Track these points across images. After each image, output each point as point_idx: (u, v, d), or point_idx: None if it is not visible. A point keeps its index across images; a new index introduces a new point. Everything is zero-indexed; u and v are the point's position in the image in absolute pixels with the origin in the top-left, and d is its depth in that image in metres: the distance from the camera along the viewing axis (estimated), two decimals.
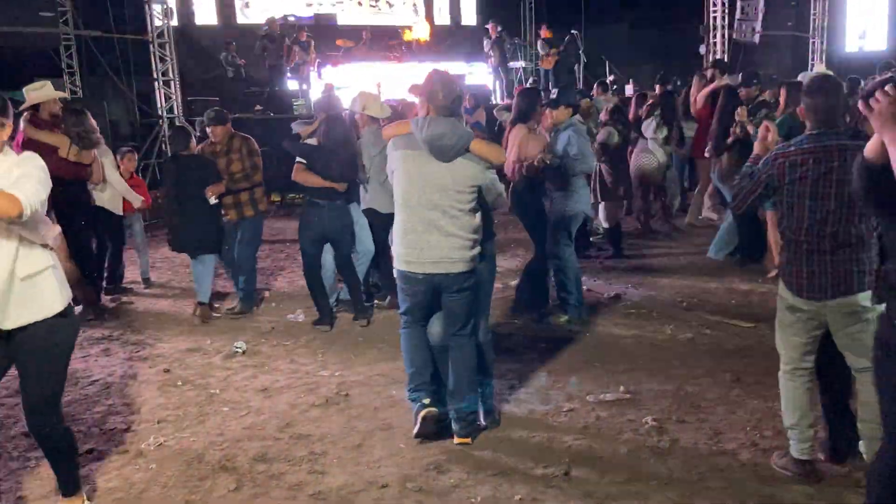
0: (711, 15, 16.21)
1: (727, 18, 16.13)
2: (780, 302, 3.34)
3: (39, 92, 5.82)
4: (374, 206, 5.89)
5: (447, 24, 18.13)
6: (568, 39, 16.25)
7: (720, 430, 3.90)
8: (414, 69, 13.72)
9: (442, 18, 18.15)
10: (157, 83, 12.38)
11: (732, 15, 16.28)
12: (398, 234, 3.74)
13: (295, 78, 14.29)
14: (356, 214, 5.92)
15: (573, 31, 16.29)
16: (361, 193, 5.96)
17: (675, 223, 8.86)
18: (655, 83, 10.52)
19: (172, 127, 7.12)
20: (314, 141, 5.60)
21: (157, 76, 12.33)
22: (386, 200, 5.24)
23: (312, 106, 11.52)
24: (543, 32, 16.87)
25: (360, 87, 11.59)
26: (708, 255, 7.45)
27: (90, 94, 13.00)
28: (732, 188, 3.41)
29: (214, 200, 5.91)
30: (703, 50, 16.09)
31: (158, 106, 12.49)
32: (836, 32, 18.10)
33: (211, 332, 5.85)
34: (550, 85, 15.46)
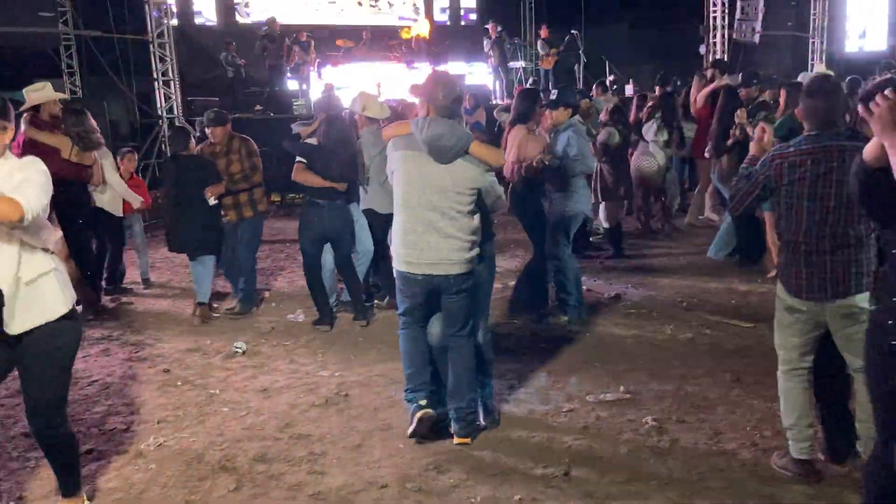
0: (711, 15, 16.20)
1: (727, 18, 16.12)
2: (778, 303, 3.34)
3: (39, 93, 5.81)
4: (373, 206, 5.89)
5: (447, 23, 18.14)
6: (568, 39, 16.25)
7: (720, 430, 3.90)
8: (414, 69, 13.75)
9: (445, 17, 18.16)
10: (156, 83, 12.38)
11: (732, 15, 16.28)
12: (397, 234, 3.74)
13: (295, 78, 14.29)
14: (356, 214, 5.93)
15: (573, 31, 16.29)
16: (361, 194, 5.96)
17: (674, 223, 8.86)
18: (655, 84, 10.52)
19: (172, 127, 7.11)
20: (314, 141, 5.60)
21: (156, 76, 12.33)
22: (385, 201, 5.24)
23: (312, 106, 11.54)
24: (543, 32, 16.87)
25: (360, 87, 11.62)
26: (708, 255, 7.47)
27: (90, 94, 13.00)
28: (730, 189, 3.41)
29: (214, 201, 5.92)
30: (703, 50, 16.08)
31: (158, 106, 12.49)
32: (836, 32, 18.09)
33: (211, 332, 5.85)
34: (550, 85, 15.45)
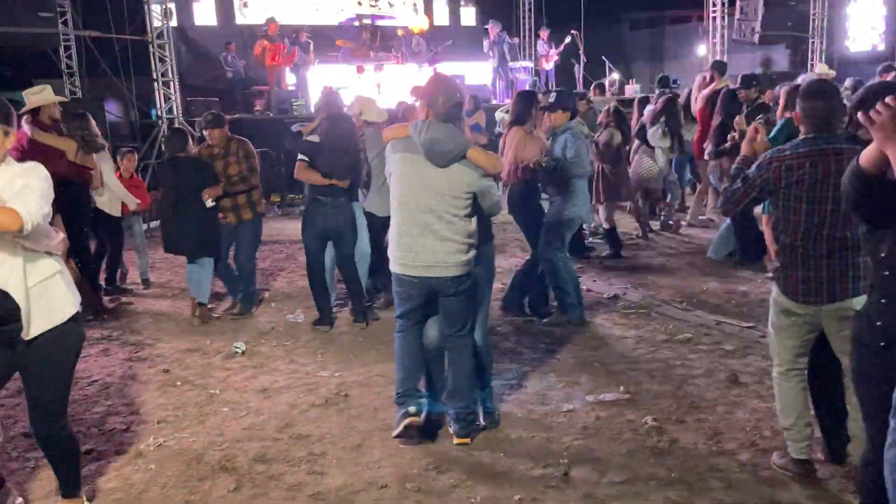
0: (711, 15, 16.21)
1: (727, 18, 16.12)
2: (774, 305, 3.32)
3: (39, 96, 5.81)
4: (371, 209, 5.90)
5: (447, 23, 18.12)
6: (568, 40, 16.25)
7: (719, 430, 3.90)
8: (414, 69, 13.75)
9: (442, 18, 18.14)
10: (156, 84, 12.37)
11: (732, 15, 16.28)
12: (394, 236, 3.74)
13: (295, 75, 14.26)
14: (357, 214, 5.92)
15: (573, 31, 16.28)
16: (360, 196, 5.96)
17: (673, 224, 8.86)
18: (655, 85, 10.54)
19: (170, 129, 7.11)
20: (315, 138, 5.60)
21: (156, 77, 12.32)
22: (383, 204, 5.24)
23: (312, 106, 11.54)
24: (543, 33, 16.87)
25: (359, 87, 11.64)
26: (707, 255, 7.47)
27: (90, 94, 13.00)
28: (724, 191, 3.38)
29: (211, 203, 5.91)
30: (702, 50, 16.09)
31: (158, 106, 12.48)
32: (835, 32, 18.08)
33: (210, 332, 5.86)
34: (551, 86, 15.46)
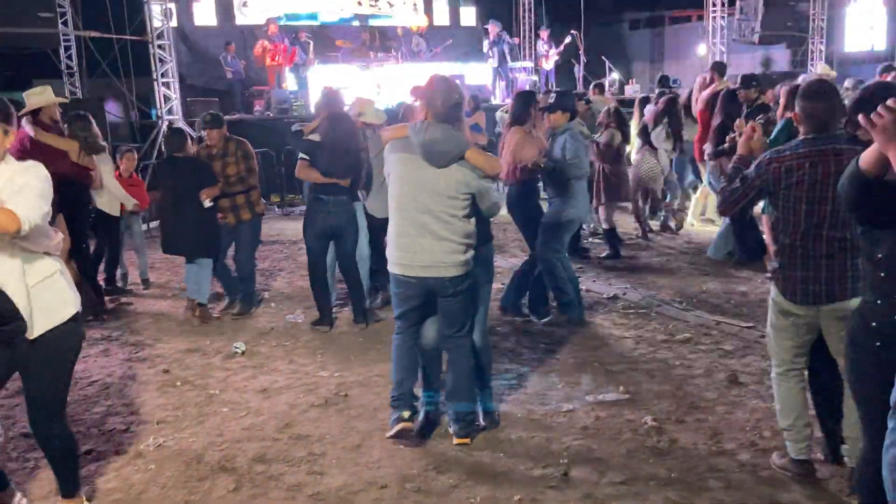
0: (711, 15, 16.22)
1: (727, 18, 16.14)
2: (772, 306, 3.32)
3: (40, 97, 5.81)
4: (371, 210, 5.90)
5: (447, 24, 18.13)
6: (568, 40, 16.26)
7: (719, 430, 3.90)
8: (414, 69, 13.76)
9: (442, 18, 18.14)
10: (156, 84, 12.37)
11: (732, 15, 16.29)
12: (392, 237, 3.73)
13: (294, 76, 14.27)
14: (358, 214, 5.91)
15: (573, 31, 16.28)
16: (360, 196, 5.96)
17: (672, 225, 8.86)
18: (655, 84, 10.54)
19: (169, 129, 7.13)
20: (316, 137, 5.61)
21: (156, 77, 12.33)
22: (383, 205, 5.24)
23: (312, 106, 11.53)
24: (543, 33, 16.87)
25: (359, 87, 11.64)
26: (707, 255, 7.47)
27: (89, 95, 13.00)
28: (721, 191, 3.36)
29: (209, 203, 5.89)
30: (702, 50, 16.10)
31: (158, 107, 12.48)
32: (835, 32, 18.09)
33: (210, 332, 5.85)
34: (551, 86, 15.46)
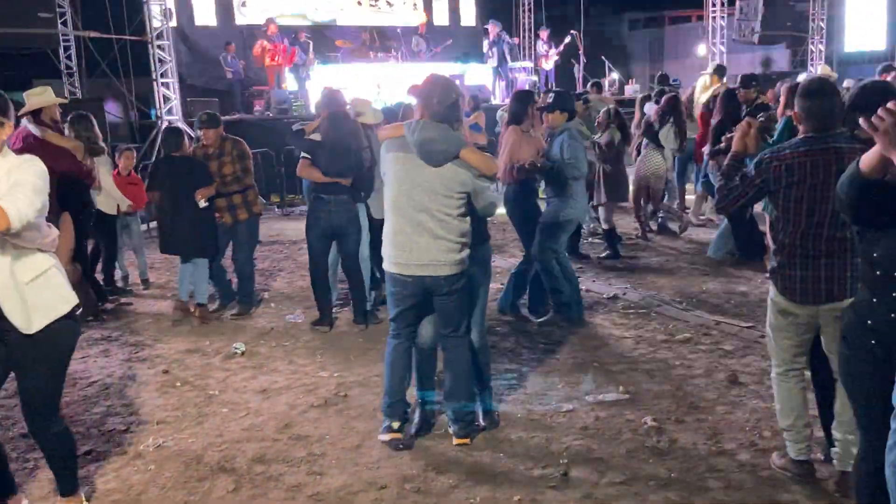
0: (711, 15, 16.22)
1: (726, 18, 16.14)
2: (771, 305, 3.31)
3: (40, 97, 5.80)
4: (372, 210, 5.89)
5: (446, 24, 18.14)
6: (567, 40, 16.26)
7: (719, 430, 3.90)
8: (414, 69, 13.75)
9: (442, 18, 18.15)
10: (156, 84, 12.38)
11: (732, 15, 16.30)
12: (388, 235, 3.73)
13: (294, 76, 14.27)
14: (361, 215, 5.90)
15: (572, 31, 16.29)
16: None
17: (676, 228, 8.85)
18: (654, 83, 10.54)
19: (166, 128, 7.14)
20: (317, 136, 5.61)
21: (156, 77, 12.33)
22: (379, 206, 5.24)
23: (312, 106, 11.52)
24: (542, 33, 16.88)
25: (359, 87, 11.63)
26: (707, 254, 7.46)
27: (89, 95, 13.01)
28: (718, 189, 3.31)
29: (204, 203, 5.87)
30: (702, 51, 16.10)
31: (157, 107, 12.49)
32: (835, 32, 18.10)
33: (210, 333, 5.85)
34: (551, 86, 15.47)
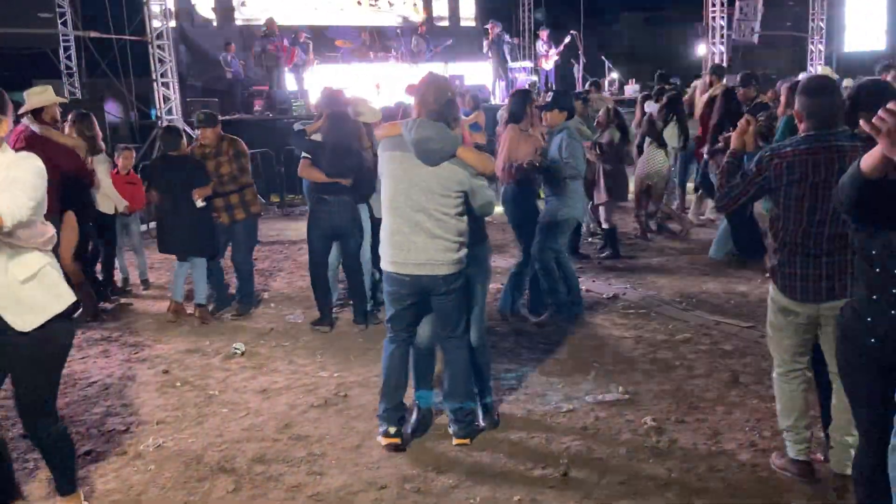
0: (710, 15, 16.21)
1: (726, 19, 16.12)
2: (772, 304, 3.29)
3: (41, 96, 5.81)
4: (375, 210, 5.90)
5: (446, 24, 18.16)
6: (567, 40, 16.26)
7: (719, 430, 3.90)
8: (413, 69, 13.76)
9: (442, 18, 18.17)
10: (155, 84, 12.38)
11: (731, 15, 16.28)
12: (385, 235, 3.72)
13: (294, 76, 14.27)
14: (363, 216, 5.90)
15: (572, 31, 16.29)
16: None
17: (677, 229, 8.85)
18: (654, 81, 10.54)
19: (163, 127, 7.17)
20: (319, 137, 5.62)
21: (155, 77, 12.33)
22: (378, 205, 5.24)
23: (312, 106, 11.51)
24: (542, 33, 16.87)
25: (359, 87, 11.63)
26: (710, 255, 7.43)
27: (89, 95, 13.01)
28: (718, 187, 3.29)
29: (201, 203, 5.86)
30: (701, 50, 16.10)
31: (157, 107, 12.49)
32: (834, 32, 18.11)
33: (210, 333, 5.85)
34: (551, 86, 15.47)
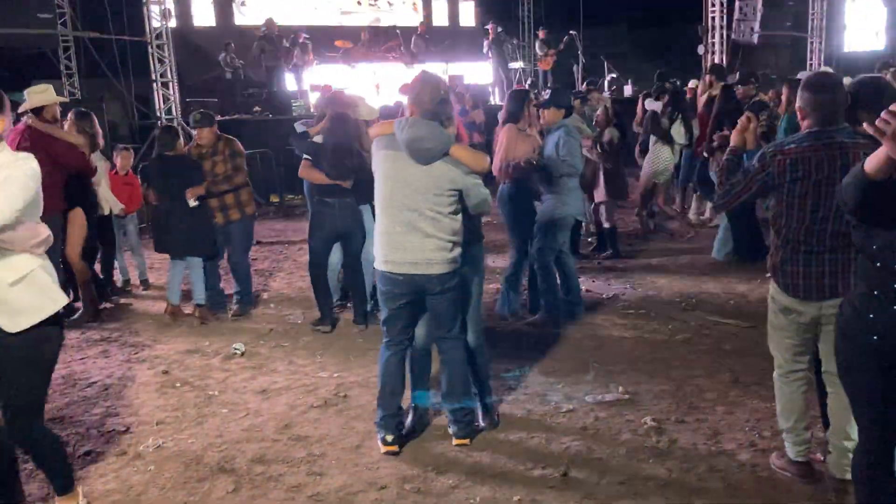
0: (710, 15, 16.19)
1: (726, 19, 16.11)
2: (772, 304, 3.27)
3: (42, 95, 5.81)
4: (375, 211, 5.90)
5: (446, 24, 18.16)
6: (566, 40, 16.26)
7: (719, 430, 3.90)
8: (412, 69, 13.75)
9: (442, 18, 18.18)
10: (155, 85, 12.38)
11: (731, 15, 16.27)
12: (379, 234, 3.72)
13: (293, 76, 14.28)
14: (366, 217, 5.89)
15: (571, 31, 16.29)
16: None
17: (670, 225, 8.86)
18: (654, 79, 10.54)
19: (160, 127, 7.17)
20: (319, 138, 5.62)
21: (155, 77, 12.33)
22: None
23: (312, 106, 11.52)
24: (541, 33, 16.88)
25: (358, 87, 11.64)
26: (712, 256, 7.42)
27: (88, 95, 13.00)
28: (718, 185, 3.26)
29: (194, 202, 5.84)
30: (701, 50, 16.09)
31: (157, 107, 12.49)
32: (834, 32, 18.10)
33: (209, 333, 5.85)
34: (550, 86, 15.47)
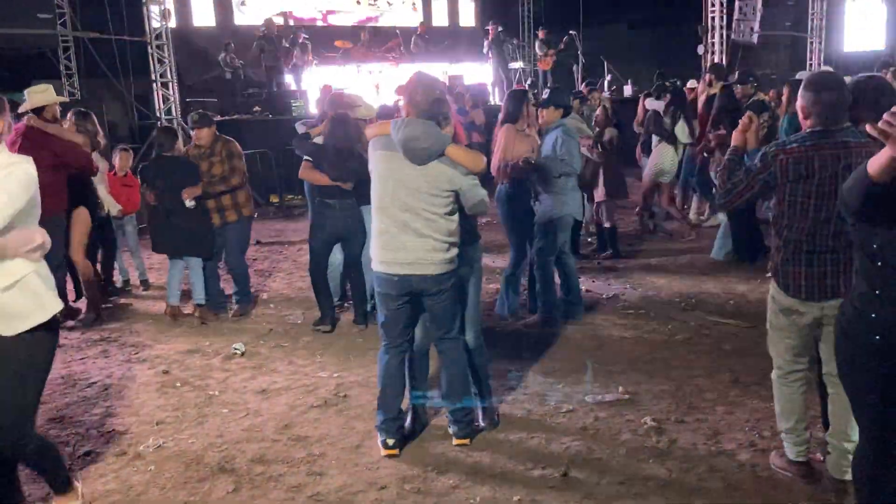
0: (709, 15, 16.19)
1: (725, 19, 16.11)
2: (772, 304, 3.26)
3: (43, 95, 5.81)
4: None
5: (445, 24, 18.17)
6: (566, 40, 16.27)
7: (719, 430, 3.90)
8: (412, 70, 13.74)
9: (441, 18, 18.20)
10: (155, 85, 12.38)
11: (731, 15, 16.27)
12: (375, 235, 3.71)
13: (293, 76, 14.28)
14: (367, 218, 5.89)
15: (571, 31, 16.30)
16: None
17: (669, 225, 8.85)
18: (654, 79, 10.55)
19: (159, 127, 7.18)
20: (320, 140, 5.62)
21: (155, 78, 12.33)
22: None
23: (311, 107, 11.52)
24: (541, 33, 16.89)
25: (358, 88, 11.66)
26: (712, 255, 7.42)
27: (88, 95, 13.01)
28: (720, 185, 3.24)
29: (191, 203, 5.83)
30: (701, 50, 16.10)
31: (157, 108, 12.49)
32: (834, 32, 18.11)
33: (209, 333, 5.85)
34: (549, 86, 15.48)
